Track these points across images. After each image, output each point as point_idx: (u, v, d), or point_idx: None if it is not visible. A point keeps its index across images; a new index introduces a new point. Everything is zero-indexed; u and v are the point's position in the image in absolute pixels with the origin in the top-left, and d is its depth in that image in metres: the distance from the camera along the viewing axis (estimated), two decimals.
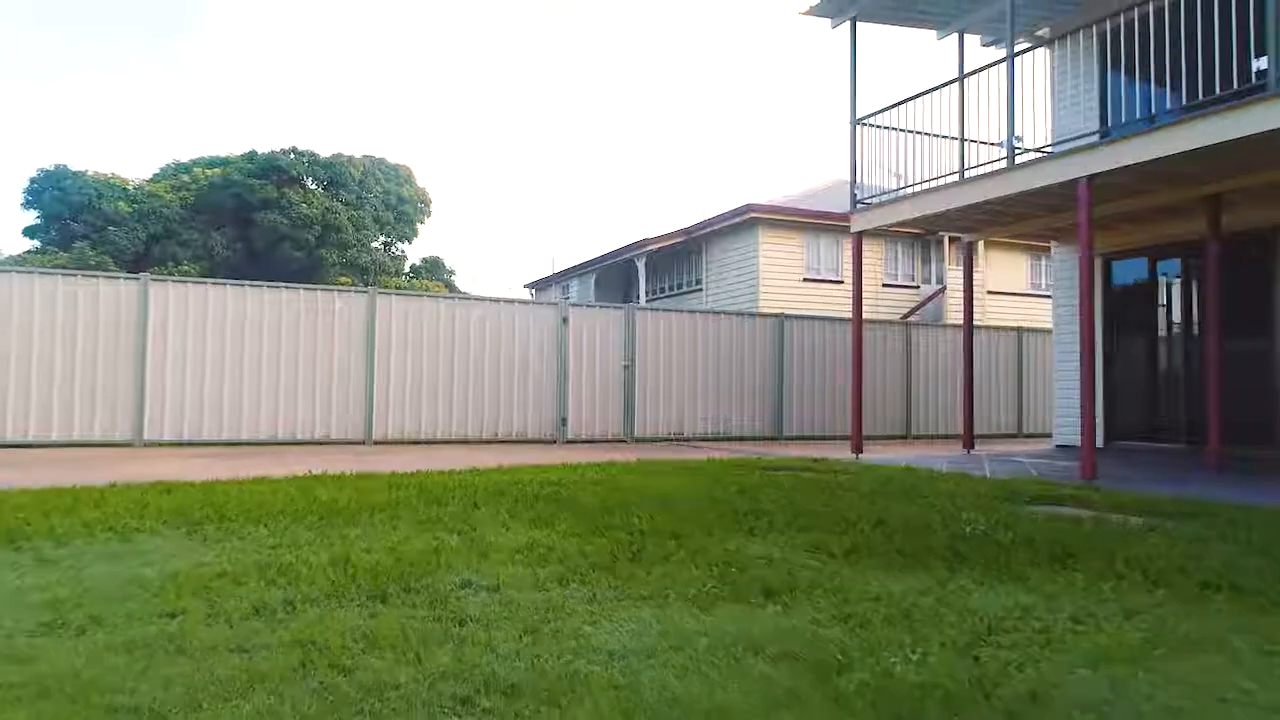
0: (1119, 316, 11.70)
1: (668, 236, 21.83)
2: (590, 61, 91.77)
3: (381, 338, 11.87)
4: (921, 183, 10.46)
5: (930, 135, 10.40)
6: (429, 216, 40.38)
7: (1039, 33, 12.69)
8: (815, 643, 2.50)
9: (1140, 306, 11.64)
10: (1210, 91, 7.60)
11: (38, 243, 32.88)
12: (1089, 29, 9.46)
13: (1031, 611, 2.93)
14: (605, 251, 25.17)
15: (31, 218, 33.30)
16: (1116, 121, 10.78)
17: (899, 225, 11.35)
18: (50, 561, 3.49)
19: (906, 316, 19.52)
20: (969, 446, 11.65)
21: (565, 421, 12.81)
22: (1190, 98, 7.87)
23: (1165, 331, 11.27)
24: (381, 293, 12.16)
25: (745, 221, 19.43)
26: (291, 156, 35.01)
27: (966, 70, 10.19)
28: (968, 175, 9.86)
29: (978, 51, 13.15)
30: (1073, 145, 9.23)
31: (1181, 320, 10.93)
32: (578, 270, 27.82)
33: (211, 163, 35.61)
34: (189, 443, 10.73)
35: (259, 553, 3.68)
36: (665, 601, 2.97)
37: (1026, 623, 2.79)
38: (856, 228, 11.13)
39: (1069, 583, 3.34)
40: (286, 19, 70.75)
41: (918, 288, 21.05)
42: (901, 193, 10.73)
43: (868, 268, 19.96)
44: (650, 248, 22.11)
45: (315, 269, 34.00)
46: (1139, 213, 10.02)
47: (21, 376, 10.13)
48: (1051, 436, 13.07)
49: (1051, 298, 12.93)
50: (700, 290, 21.63)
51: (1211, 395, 9.15)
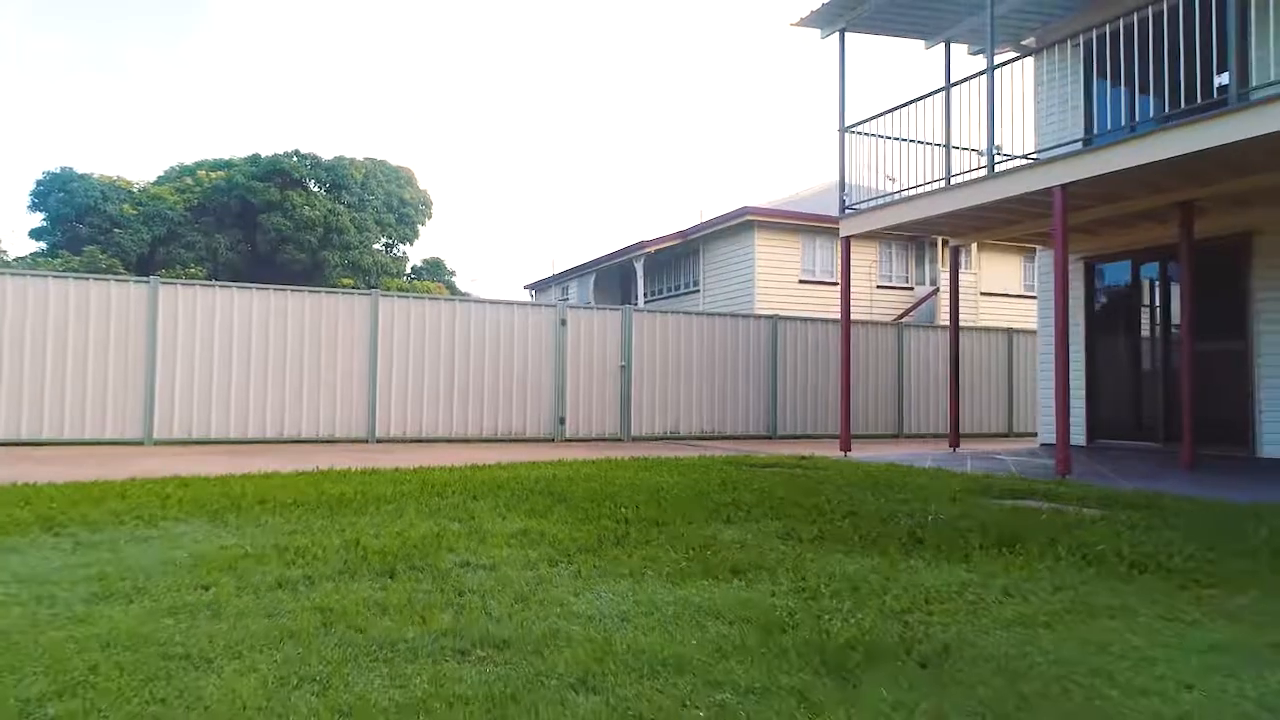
0: (1102, 318, 12.02)
1: (666, 238, 22.13)
2: (590, 66, 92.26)
3: (384, 339, 12.22)
4: (908, 189, 10.81)
5: (917, 142, 10.75)
6: (430, 218, 40.72)
7: (1025, 42, 13.03)
8: (768, 610, 2.86)
9: (1122, 308, 11.96)
10: (1184, 103, 7.95)
11: (44, 244, 33.22)
12: (1075, 38, 9.71)
13: (969, 586, 3.29)
14: (604, 253, 25.47)
15: (38, 219, 33.70)
16: (1101, 129, 11.15)
17: (887, 230, 11.70)
18: (88, 545, 3.86)
19: (900, 317, 19.85)
20: (954, 445, 11.98)
21: (563, 421, 13.16)
22: (1171, 107, 8.20)
23: (1146, 333, 11.56)
24: (384, 295, 12.52)
25: (742, 224, 19.76)
26: (294, 159, 35.36)
27: (953, 79, 10.56)
28: (953, 182, 10.20)
29: (965, 59, 13.47)
30: (1048, 155, 9.59)
31: (1161, 322, 11.22)
32: (577, 271, 28.14)
33: (215, 165, 35.96)
34: (197, 441, 11.09)
35: (277, 537, 4.04)
36: (642, 578, 3.33)
37: (961, 595, 3.15)
38: (845, 232, 11.50)
39: (1009, 563, 3.70)
40: (288, 22, 71.20)
41: (912, 289, 21.39)
42: (888, 199, 11.08)
43: (863, 270, 20.43)
44: (648, 250, 22.42)
45: (318, 270, 34.39)
46: (1120, 218, 10.31)
47: (36, 376, 10.49)
48: (1038, 435, 13.40)
49: (1038, 299, 13.25)
50: (698, 292, 21.92)
51: (1185, 396, 9.50)
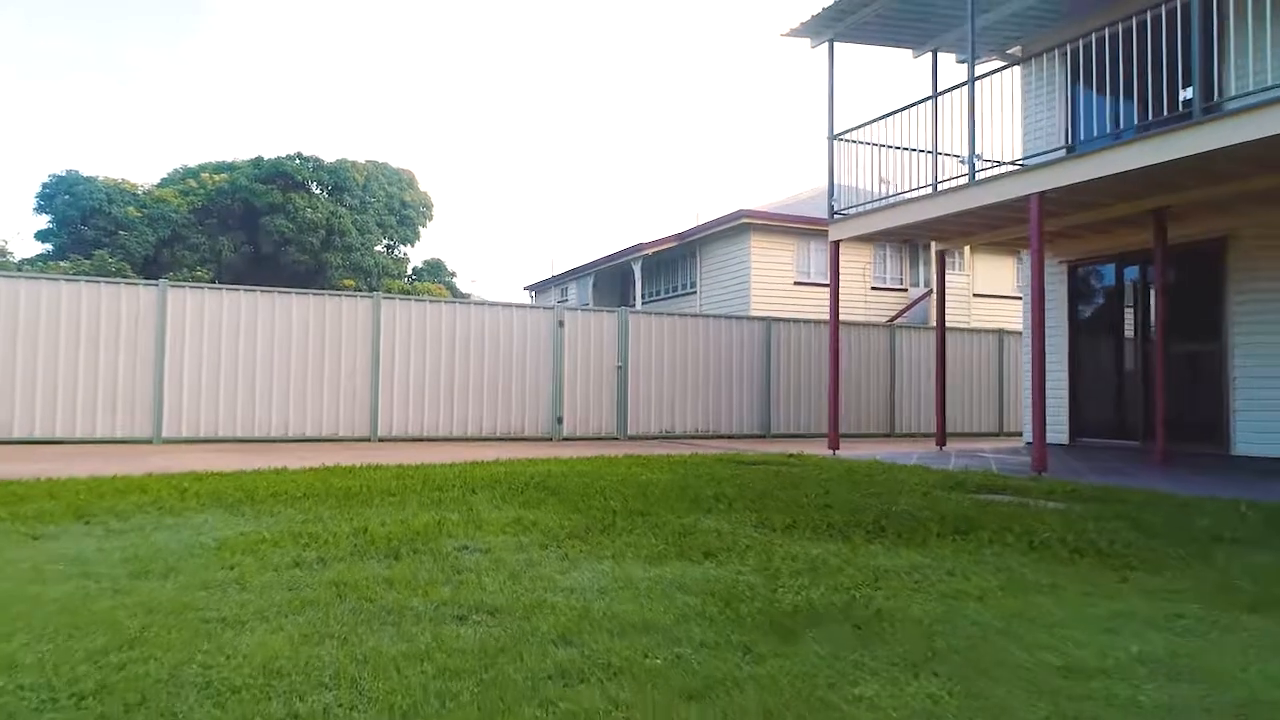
0: (1085, 320, 12.36)
1: (663, 241, 22.46)
2: (589, 70, 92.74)
3: (386, 340, 12.58)
4: (895, 195, 11.17)
5: (904, 149, 11.10)
6: (431, 220, 41.13)
7: (1011, 51, 13.37)
8: (733, 585, 3.21)
9: (1104, 311, 12.30)
10: (1152, 114, 8.30)
11: (50, 246, 33.61)
12: (1058, 49, 10.02)
13: (918, 567, 3.64)
14: (603, 255, 25.81)
15: (44, 222, 34.10)
16: (1084, 136, 11.49)
17: (874, 234, 12.05)
18: (118, 532, 4.21)
19: (894, 319, 20.19)
20: (941, 444, 12.33)
21: (561, 420, 13.51)
22: (1151, 116, 8.54)
23: (1126, 335, 11.89)
24: (386, 297, 12.87)
25: (737, 226, 20.10)
26: (296, 162, 35.73)
27: (941, 87, 10.90)
28: (938, 189, 10.55)
29: (954, 67, 13.78)
30: (1025, 164, 9.93)
31: (1141, 324, 11.54)
32: (576, 273, 28.49)
33: (218, 168, 36.33)
34: (204, 440, 11.44)
35: (291, 525, 4.39)
36: (623, 559, 3.69)
37: (910, 574, 3.50)
38: (833, 236, 11.85)
39: (960, 548, 4.05)
40: (288, 24, 71.60)
41: (905, 291, 21.73)
42: (875, 204, 11.43)
43: (857, 271, 20.79)
44: (646, 252, 22.75)
45: (320, 272, 34.79)
46: (1103, 222, 10.63)
47: (49, 376, 10.85)
48: (1023, 435, 13.73)
49: (1022, 302, 13.58)
50: (695, 293, 22.25)
51: (1158, 396, 9.86)
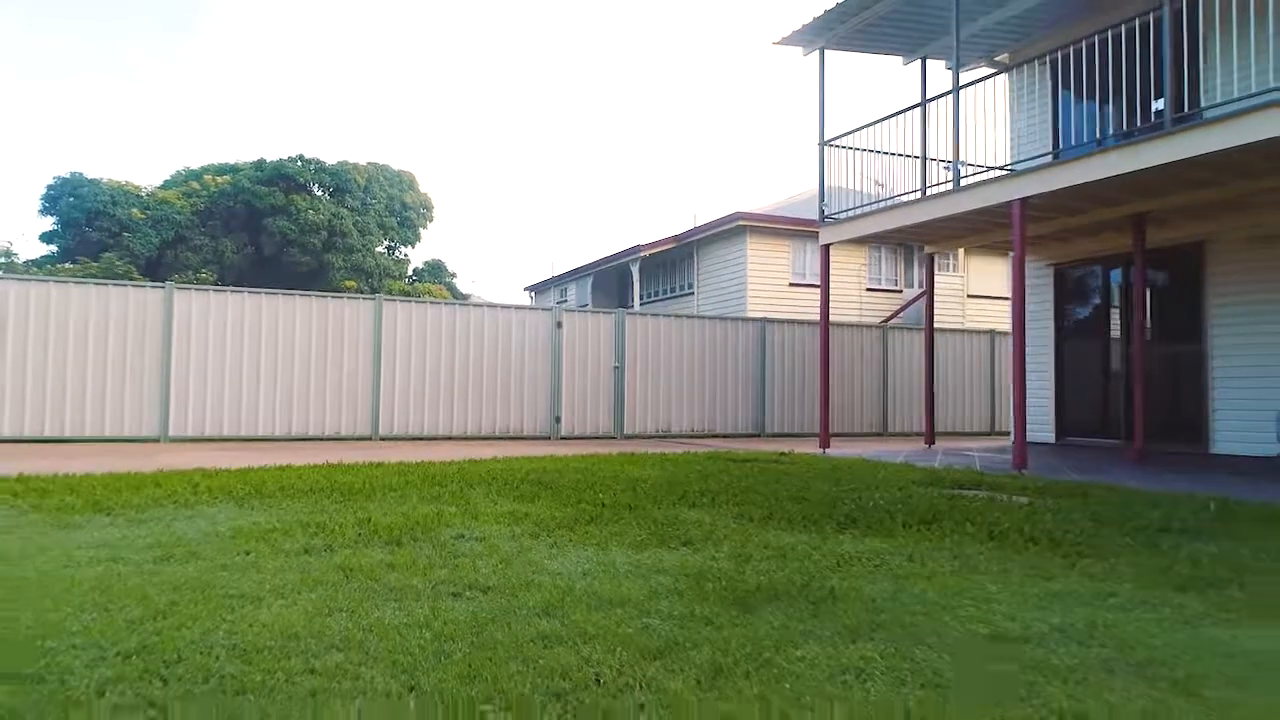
0: (1071, 322, 12.66)
1: (661, 242, 22.74)
2: (589, 73, 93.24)
3: (387, 341, 12.88)
4: (883, 200, 11.47)
5: (893, 155, 11.39)
6: (431, 221, 41.48)
7: (999, 58, 13.67)
8: (705, 568, 3.52)
9: (1088, 313, 12.60)
10: (1140, 122, 8.60)
11: (54, 248, 33.98)
12: (1047, 56, 10.24)
13: (880, 554, 3.94)
14: (602, 256, 26.11)
15: (48, 223, 34.47)
16: (1067, 144, 11.78)
17: (864, 238, 12.34)
18: (139, 523, 4.51)
19: (889, 319, 20.48)
20: (930, 442, 12.63)
21: (559, 419, 13.80)
22: (1129, 125, 8.84)
23: (1111, 336, 12.20)
24: (387, 299, 13.18)
25: (734, 229, 20.40)
26: (298, 164, 36.09)
27: (930, 94, 11.20)
28: (924, 194, 10.84)
29: (943, 73, 14.07)
30: (1024, 167, 10.21)
31: (1124, 326, 11.85)
32: (575, 274, 28.79)
33: (221, 170, 36.70)
34: (209, 439, 11.74)
35: (299, 517, 4.70)
36: (607, 547, 3.99)
37: (870, 559, 3.80)
38: (824, 240, 12.15)
39: (923, 537, 4.35)
40: (289, 26, 71.95)
41: (901, 292, 22.02)
42: (864, 209, 11.73)
43: (852, 273, 21.11)
44: (644, 253, 23.03)
45: (322, 273, 35.13)
46: (1088, 226, 10.92)
47: (58, 376, 11.15)
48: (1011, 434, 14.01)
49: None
50: (692, 294, 22.54)
51: (1137, 396, 10.15)
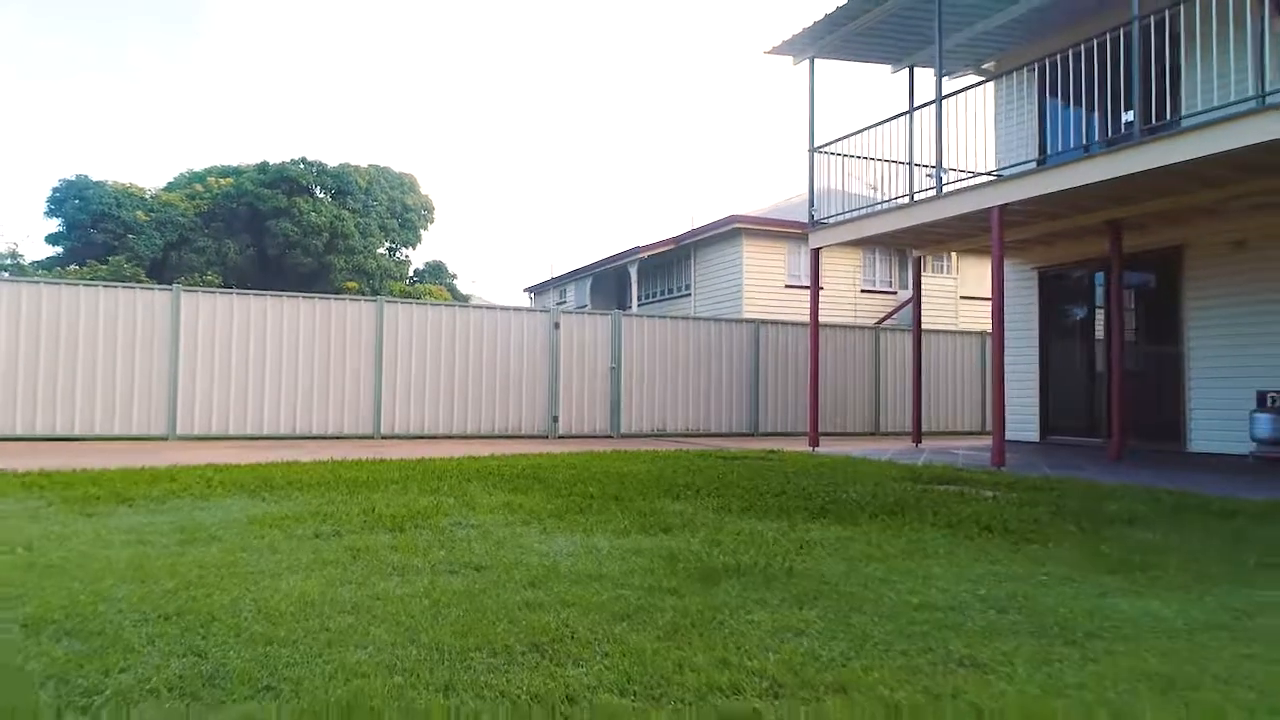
0: (1055, 324, 13.01)
1: (659, 244, 23.08)
2: (588, 78, 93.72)
3: (389, 342, 13.24)
4: (870, 205, 11.81)
5: (881, 161, 11.74)
6: (432, 223, 41.86)
7: (985, 66, 14.01)
8: (679, 551, 3.87)
9: (1072, 315, 12.96)
10: (1116, 131, 8.95)
11: (60, 249, 34.37)
12: (1032, 65, 10.56)
13: (842, 539, 4.28)
14: (600, 258, 26.45)
15: (54, 225, 34.86)
16: (1053, 150, 12.12)
17: (851, 242, 12.69)
18: (160, 511, 4.87)
19: (882, 321, 20.82)
20: (917, 441, 12.97)
21: (557, 419, 14.15)
22: (1111, 133, 9.18)
23: (1093, 338, 12.55)
24: (389, 301, 13.53)
25: (730, 231, 20.75)
26: (300, 166, 36.47)
27: (916, 103, 11.53)
28: (908, 200, 11.18)
29: (931, 81, 14.39)
30: (1000, 175, 10.56)
31: (1105, 327, 12.20)
32: (574, 275, 29.15)
33: (224, 172, 37.08)
34: (216, 437, 12.09)
35: (308, 507, 5.05)
36: (593, 533, 4.34)
37: (832, 544, 4.15)
38: (813, 244, 12.51)
39: (885, 525, 4.69)
40: (289, 28, 72.35)
41: (895, 293, 22.37)
42: (852, 214, 12.07)
43: (847, 274, 21.48)
44: (642, 255, 23.38)
45: (324, 274, 35.51)
46: (1072, 230, 11.26)
47: (68, 376, 11.51)
48: None
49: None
50: (689, 296, 22.88)
51: (1115, 396, 10.50)
